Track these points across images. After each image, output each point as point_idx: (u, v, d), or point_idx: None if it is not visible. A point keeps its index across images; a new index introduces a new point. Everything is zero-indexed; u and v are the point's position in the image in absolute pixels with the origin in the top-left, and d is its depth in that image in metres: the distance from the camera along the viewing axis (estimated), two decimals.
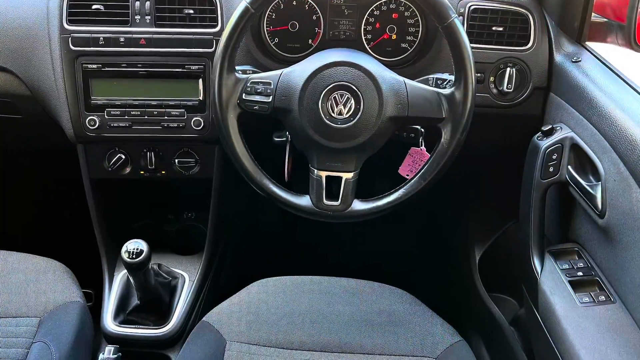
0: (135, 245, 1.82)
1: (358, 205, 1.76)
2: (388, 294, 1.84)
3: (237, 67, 1.73)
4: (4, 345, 1.68)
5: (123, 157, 2.11)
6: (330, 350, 1.67)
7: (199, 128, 2.02)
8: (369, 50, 2.06)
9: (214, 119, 1.73)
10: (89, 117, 2.00)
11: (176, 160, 2.13)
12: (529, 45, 2.00)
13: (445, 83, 1.82)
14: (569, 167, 1.74)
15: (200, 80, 2.00)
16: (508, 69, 1.99)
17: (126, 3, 1.98)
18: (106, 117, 2.01)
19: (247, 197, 2.50)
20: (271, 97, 1.69)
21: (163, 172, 2.16)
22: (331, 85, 1.65)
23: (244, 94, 1.69)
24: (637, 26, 1.82)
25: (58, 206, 2.79)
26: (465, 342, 1.72)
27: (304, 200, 1.77)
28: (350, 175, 1.72)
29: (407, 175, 1.91)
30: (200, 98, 2.01)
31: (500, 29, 2.00)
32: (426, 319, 1.76)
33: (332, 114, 1.66)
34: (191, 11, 1.98)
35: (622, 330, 1.50)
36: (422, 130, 1.86)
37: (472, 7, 2.00)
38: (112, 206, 2.32)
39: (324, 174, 1.73)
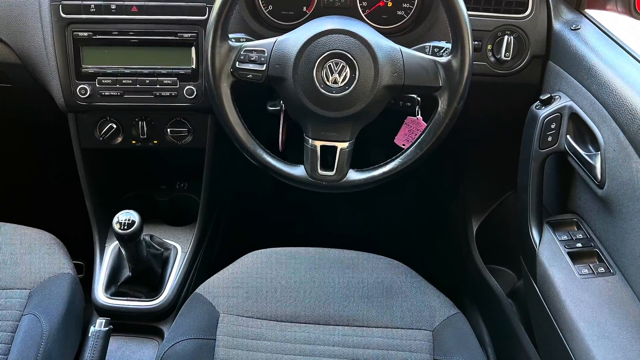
0: (126, 216, 1.81)
1: (353, 175, 1.74)
2: (384, 266, 1.83)
3: (230, 35, 1.70)
4: None
5: (114, 126, 2.09)
6: (325, 323, 1.66)
7: (192, 97, 2.00)
8: (365, 18, 2.03)
9: (207, 87, 1.71)
10: (80, 86, 1.98)
11: (168, 130, 2.12)
12: (527, 12, 1.97)
13: (442, 51, 1.80)
14: (568, 136, 1.72)
15: (193, 49, 1.98)
16: (506, 36, 1.96)
17: None
18: (97, 85, 1.98)
19: (241, 167, 2.49)
20: (265, 65, 1.66)
21: (155, 141, 2.14)
22: (326, 54, 1.63)
23: (237, 63, 1.67)
24: None
25: (48, 177, 2.78)
26: (462, 315, 1.72)
27: (299, 171, 1.75)
28: (345, 144, 1.70)
29: (403, 145, 1.89)
30: (193, 66, 1.99)
31: None
32: (423, 291, 1.75)
33: (327, 83, 1.64)
34: None
35: (622, 303, 1.49)
36: (419, 99, 1.84)
37: None
38: (103, 176, 2.30)
39: (318, 143, 1.70)
